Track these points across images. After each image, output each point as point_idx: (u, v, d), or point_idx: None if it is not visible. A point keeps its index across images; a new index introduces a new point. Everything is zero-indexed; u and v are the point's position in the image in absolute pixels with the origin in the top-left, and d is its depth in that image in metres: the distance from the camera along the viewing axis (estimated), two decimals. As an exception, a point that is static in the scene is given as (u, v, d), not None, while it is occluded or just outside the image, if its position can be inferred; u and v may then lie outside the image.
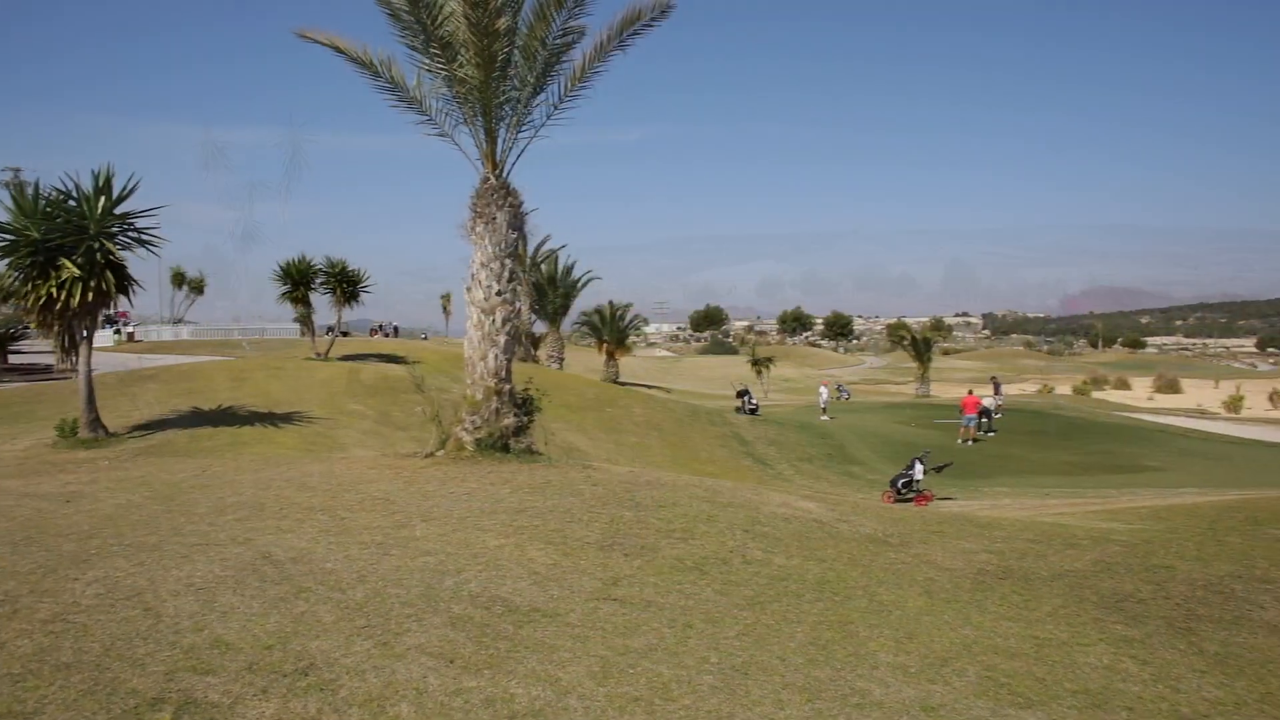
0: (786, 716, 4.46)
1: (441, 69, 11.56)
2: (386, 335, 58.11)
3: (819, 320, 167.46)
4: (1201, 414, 51.33)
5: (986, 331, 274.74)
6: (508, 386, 11.42)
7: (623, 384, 41.95)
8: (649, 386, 47.82)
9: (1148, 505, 14.04)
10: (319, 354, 27.01)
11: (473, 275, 11.74)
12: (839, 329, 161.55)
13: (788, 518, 8.71)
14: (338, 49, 11.83)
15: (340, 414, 18.62)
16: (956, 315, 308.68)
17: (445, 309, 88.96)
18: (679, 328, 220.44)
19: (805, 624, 5.87)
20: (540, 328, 48.22)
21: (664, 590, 6.34)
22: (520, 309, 13.39)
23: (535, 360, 43.13)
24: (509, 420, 11.09)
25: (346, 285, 27.33)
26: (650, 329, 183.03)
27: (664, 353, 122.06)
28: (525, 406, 11.47)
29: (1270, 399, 61.01)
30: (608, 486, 9.41)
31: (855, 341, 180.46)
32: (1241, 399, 58.65)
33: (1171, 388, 73.27)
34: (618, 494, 9.07)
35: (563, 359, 46.50)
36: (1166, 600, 6.85)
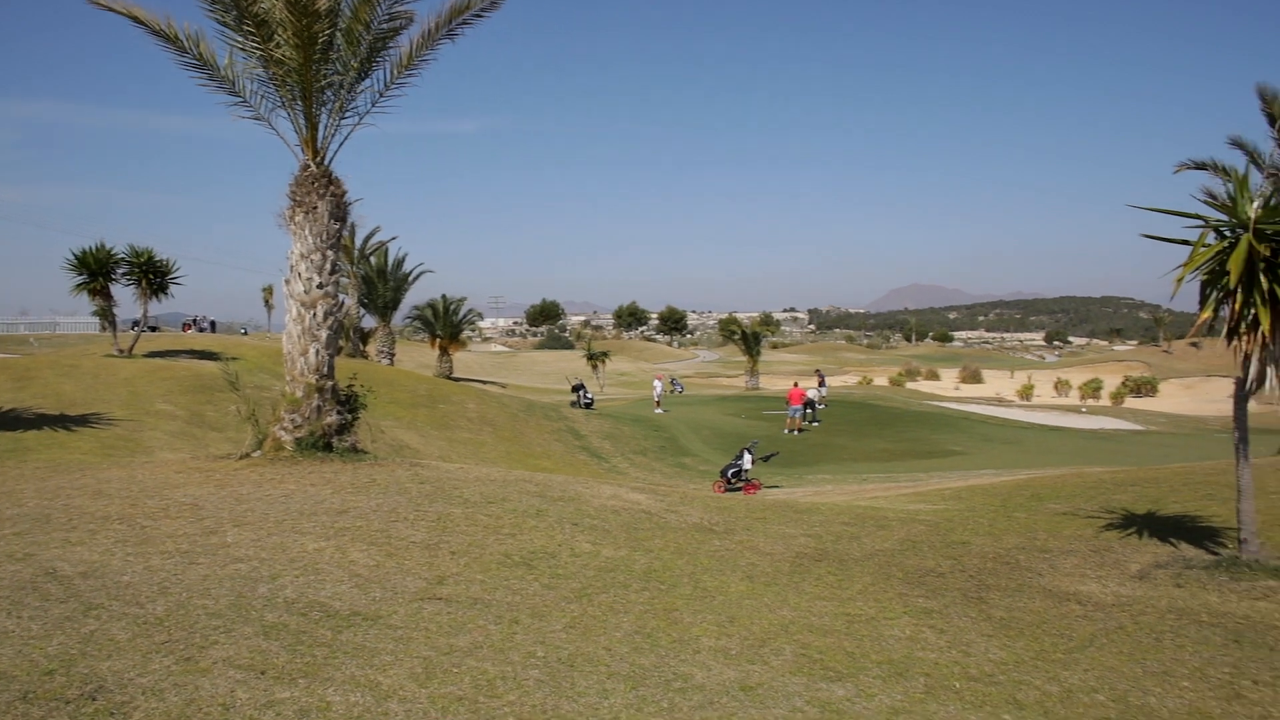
0: (611, 706, 4.52)
1: (256, 48, 10.93)
2: (202, 330, 54.51)
3: (654, 315, 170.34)
4: (999, 402, 55.91)
5: (812, 326, 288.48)
6: (330, 383, 10.96)
7: (457, 379, 41.17)
8: (484, 382, 47.18)
9: (951, 487, 15.15)
10: (121, 350, 24.96)
11: (292, 267, 11.19)
12: (673, 324, 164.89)
13: (617, 510, 8.82)
14: (136, 19, 10.95)
15: (146, 415, 17.27)
16: (785, 311, 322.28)
17: (267, 302, 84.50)
18: (515, 322, 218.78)
19: (632, 613, 5.97)
20: (370, 322, 46.56)
21: (491, 587, 6.28)
22: (344, 302, 12.86)
23: (364, 356, 41.58)
24: (331, 418, 10.66)
25: (153, 276, 25.33)
26: (486, 324, 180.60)
27: (500, 348, 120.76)
28: (349, 404, 11.05)
29: (1055, 387, 67.23)
30: (436, 484, 9.21)
31: (689, 336, 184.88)
32: (1032, 388, 64.35)
33: (974, 378, 79.39)
34: (446, 491, 8.90)
35: (394, 354, 45.12)
36: (962, 573, 7.43)
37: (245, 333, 63.94)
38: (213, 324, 59.46)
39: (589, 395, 34.32)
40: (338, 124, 11.65)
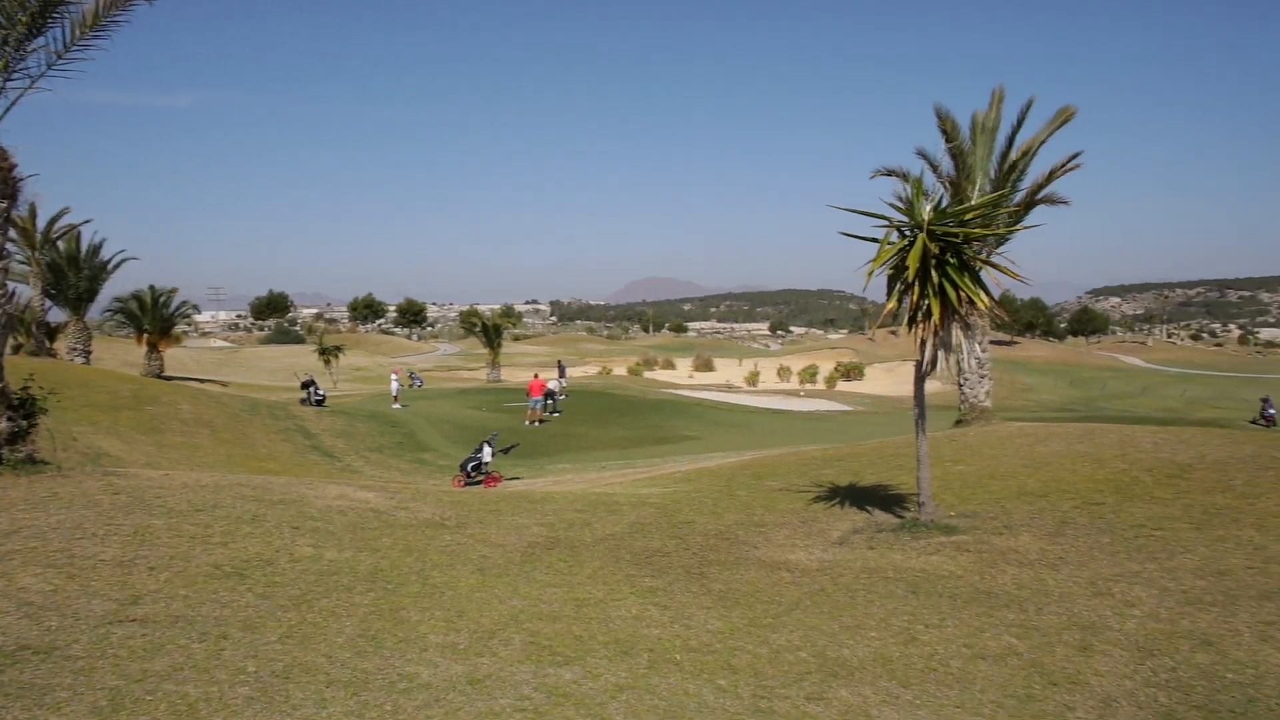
0: (329, 715, 4.29)
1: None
2: None
3: (392, 308, 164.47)
4: (729, 388, 59.65)
5: (554, 318, 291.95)
6: None
7: (169, 379, 37.41)
8: (201, 380, 43.23)
9: (682, 470, 15.93)
10: None
11: (-55, 251, 9.59)
12: (413, 316, 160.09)
13: (343, 510, 8.41)
14: None
15: None
16: (527, 303, 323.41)
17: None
18: (239, 316, 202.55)
19: (355, 617, 5.71)
20: (59, 316, 41.02)
21: (196, 602, 5.75)
22: (15, 292, 11.18)
23: (52, 354, 36.62)
24: (1, 425, 9.26)
25: None
26: (204, 317, 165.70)
27: (221, 343, 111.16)
28: (24, 408, 9.65)
29: (778, 374, 72.69)
30: (134, 494, 8.29)
31: (429, 329, 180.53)
32: (758, 374, 69.20)
33: (707, 367, 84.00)
34: (146, 501, 8.03)
35: (90, 352, 40.09)
36: (686, 551, 7.82)
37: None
38: None
39: (320, 392, 32.48)
40: (2, 85, 10.12)
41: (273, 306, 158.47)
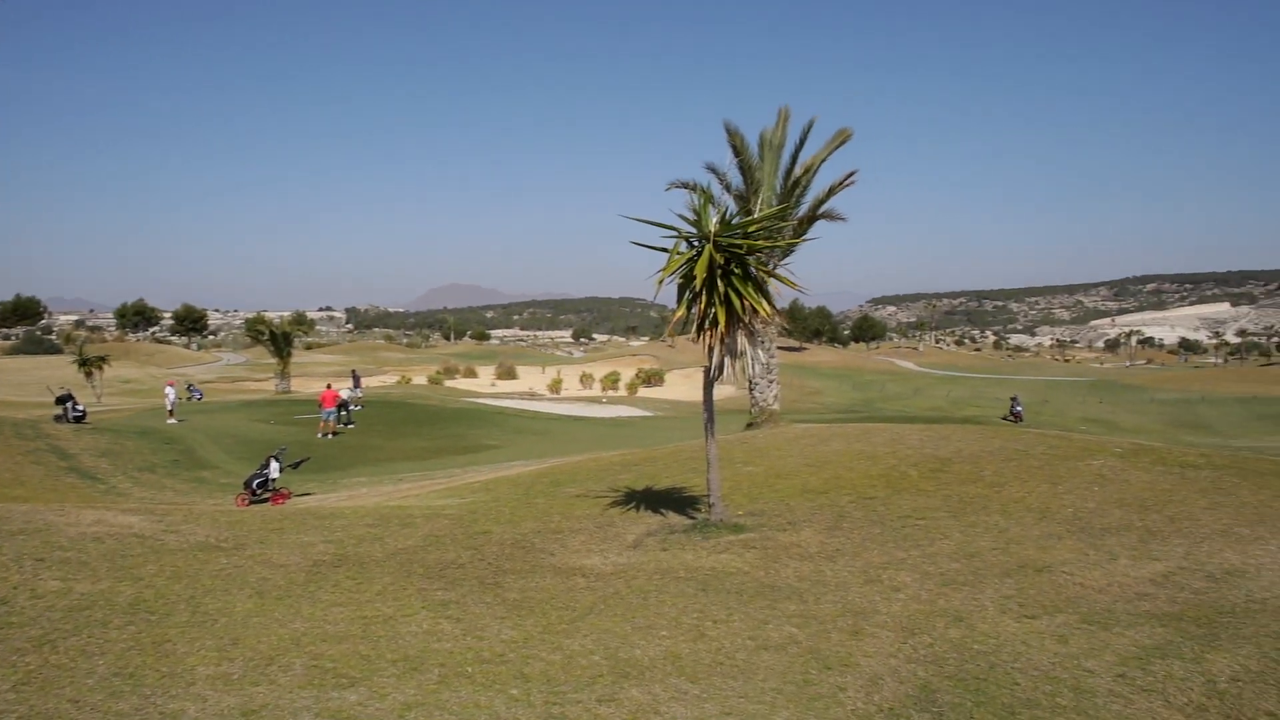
0: (73, 765, 3.88)
1: None
2: None
3: (168, 314, 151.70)
4: (532, 396, 59.45)
5: (350, 326, 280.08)
6: None
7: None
8: (-68, 397, 38.04)
9: (481, 480, 15.68)
10: None
11: None
12: (191, 324, 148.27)
13: (100, 537, 7.64)
14: None
15: None
16: (320, 310, 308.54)
17: None
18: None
19: (110, 654, 5.19)
20: None
21: (-90, 650, 5.03)
22: None
23: None
24: None
25: None
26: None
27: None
28: None
29: (581, 380, 73.34)
30: None
31: (211, 338, 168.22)
32: (561, 381, 69.48)
33: (510, 374, 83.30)
34: None
35: None
36: (482, 561, 7.70)
37: None
38: None
39: (80, 407, 29.40)
40: None
41: (21, 313, 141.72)
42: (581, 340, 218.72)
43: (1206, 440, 41.16)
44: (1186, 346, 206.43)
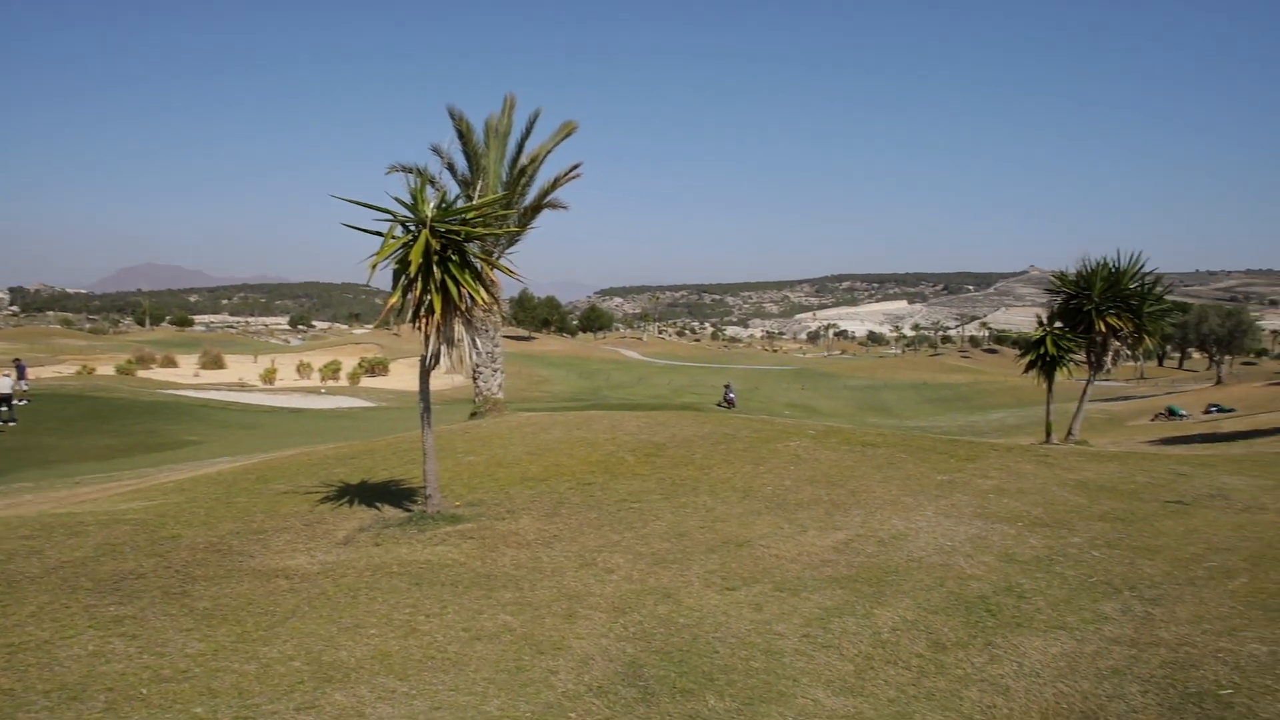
0: None
1: None
2: None
3: None
4: (242, 387, 54.97)
5: (16, 308, 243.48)
6: None
7: None
8: None
9: (176, 479, 14.23)
10: None
11: None
12: None
13: None
14: None
15: None
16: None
17: None
18: None
19: None
20: None
21: None
22: None
23: None
24: None
25: None
26: None
27: None
28: None
29: (298, 370, 68.93)
30: None
31: None
32: (275, 371, 64.80)
33: (217, 364, 76.42)
34: None
35: None
36: (168, 569, 6.95)
37: None
38: None
39: None
40: None
41: None
42: (300, 327, 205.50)
43: (886, 421, 46.63)
44: (873, 339, 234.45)
